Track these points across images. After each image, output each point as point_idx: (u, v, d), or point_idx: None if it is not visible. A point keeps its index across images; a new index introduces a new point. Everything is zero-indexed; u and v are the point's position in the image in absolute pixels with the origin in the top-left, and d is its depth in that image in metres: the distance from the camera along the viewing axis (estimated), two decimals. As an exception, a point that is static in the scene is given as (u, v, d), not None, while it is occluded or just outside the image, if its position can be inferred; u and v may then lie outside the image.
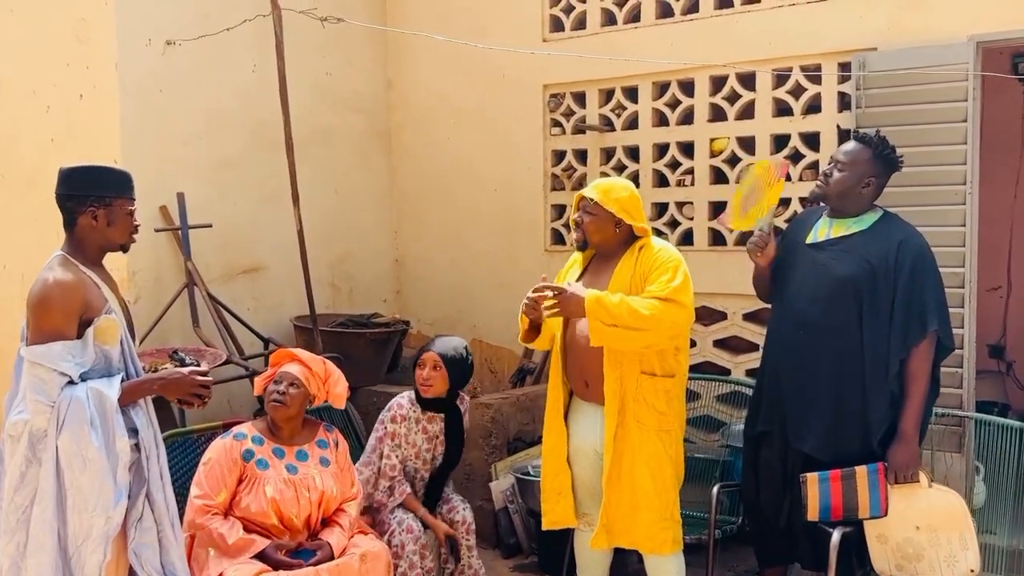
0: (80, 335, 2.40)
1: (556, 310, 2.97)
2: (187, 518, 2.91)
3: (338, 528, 3.07)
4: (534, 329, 3.18)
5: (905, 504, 2.92)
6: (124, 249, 2.60)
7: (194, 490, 2.93)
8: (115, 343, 2.50)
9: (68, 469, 2.35)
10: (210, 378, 2.59)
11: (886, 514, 2.91)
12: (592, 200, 3.06)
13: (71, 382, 2.38)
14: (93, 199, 2.47)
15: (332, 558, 2.95)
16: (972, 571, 2.86)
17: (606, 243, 3.12)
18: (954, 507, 2.90)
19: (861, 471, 2.93)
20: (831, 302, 3.02)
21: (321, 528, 3.10)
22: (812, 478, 2.97)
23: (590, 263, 3.24)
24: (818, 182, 3.16)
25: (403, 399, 3.50)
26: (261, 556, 2.88)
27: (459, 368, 3.46)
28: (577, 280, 3.20)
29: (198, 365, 2.67)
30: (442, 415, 3.49)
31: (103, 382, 2.43)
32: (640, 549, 3.10)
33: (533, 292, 3.00)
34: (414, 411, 3.46)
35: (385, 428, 3.45)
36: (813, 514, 2.98)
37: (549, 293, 2.96)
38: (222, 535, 2.86)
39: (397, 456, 3.42)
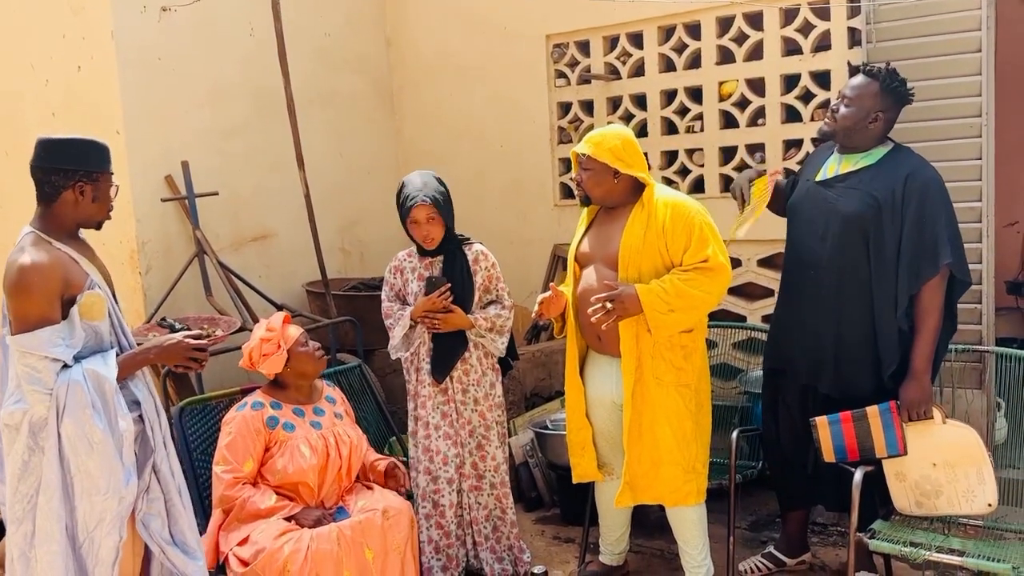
0: (65, 315, 2.31)
1: (615, 316, 2.87)
2: (216, 494, 2.89)
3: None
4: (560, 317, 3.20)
5: (921, 441, 2.90)
6: (98, 226, 2.49)
7: (219, 466, 2.90)
8: (103, 317, 2.40)
9: (73, 454, 2.28)
10: (204, 341, 2.51)
11: (905, 453, 2.89)
12: (586, 155, 3.00)
13: (65, 366, 2.29)
14: (82, 174, 2.38)
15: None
16: (990, 505, 2.84)
17: (609, 196, 3.04)
18: (969, 442, 2.87)
19: (873, 411, 2.90)
20: (839, 240, 2.98)
21: (354, 484, 3.12)
22: (822, 421, 2.96)
23: (595, 218, 3.18)
24: (825, 119, 3.08)
25: (402, 252, 3.41)
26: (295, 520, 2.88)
27: (449, 206, 3.28)
28: (583, 236, 3.16)
29: (190, 330, 2.62)
30: (440, 256, 3.32)
31: (98, 361, 2.34)
32: (664, 503, 3.10)
33: (591, 308, 2.90)
34: (410, 260, 3.36)
35: (385, 282, 3.40)
36: (829, 455, 2.97)
37: (608, 304, 2.86)
38: (254, 502, 2.85)
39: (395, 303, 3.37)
